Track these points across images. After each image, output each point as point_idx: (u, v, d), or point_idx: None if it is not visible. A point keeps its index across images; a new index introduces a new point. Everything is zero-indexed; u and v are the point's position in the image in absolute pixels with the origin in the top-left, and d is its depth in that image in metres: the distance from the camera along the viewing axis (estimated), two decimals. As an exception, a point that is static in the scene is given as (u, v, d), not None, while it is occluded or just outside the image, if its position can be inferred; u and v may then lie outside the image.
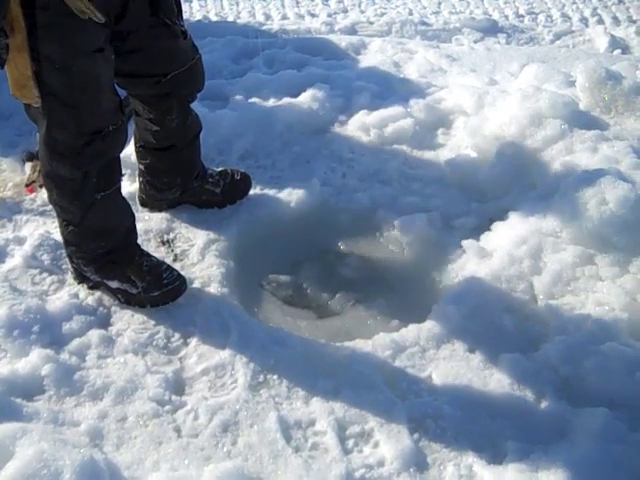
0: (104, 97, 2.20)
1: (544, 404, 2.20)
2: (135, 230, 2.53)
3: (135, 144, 2.70)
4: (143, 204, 2.86)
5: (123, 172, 2.47)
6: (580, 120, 3.19)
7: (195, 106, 2.67)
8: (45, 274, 2.57)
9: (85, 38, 2.06)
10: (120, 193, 2.45)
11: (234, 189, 2.91)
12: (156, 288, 2.45)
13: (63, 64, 2.06)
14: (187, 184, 2.80)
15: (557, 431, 2.12)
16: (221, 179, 2.87)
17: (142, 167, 2.76)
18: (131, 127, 2.60)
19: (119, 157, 2.38)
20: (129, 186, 2.89)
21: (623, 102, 3.40)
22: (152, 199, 2.84)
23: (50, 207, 2.53)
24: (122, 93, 2.35)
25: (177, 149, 2.67)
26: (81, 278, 2.51)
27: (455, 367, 2.31)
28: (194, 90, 2.60)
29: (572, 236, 2.66)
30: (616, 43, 4.50)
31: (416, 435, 2.10)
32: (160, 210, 2.85)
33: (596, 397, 2.20)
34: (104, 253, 2.43)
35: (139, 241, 2.56)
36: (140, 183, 2.83)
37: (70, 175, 2.25)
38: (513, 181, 3.01)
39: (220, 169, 2.93)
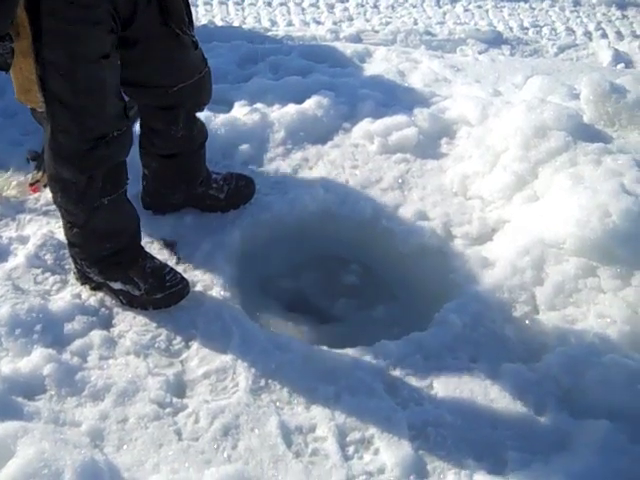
0: (109, 102, 2.18)
1: (545, 415, 2.21)
2: (139, 232, 2.53)
3: (140, 149, 2.69)
4: (146, 207, 2.85)
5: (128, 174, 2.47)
6: (584, 133, 3.19)
7: (200, 111, 2.67)
8: (48, 274, 2.57)
9: (91, 45, 2.06)
10: (126, 196, 2.44)
11: (238, 194, 2.90)
12: (159, 290, 2.45)
13: (67, 70, 2.05)
14: (191, 190, 2.80)
15: (558, 442, 2.13)
16: (225, 184, 2.86)
17: (146, 172, 2.76)
18: (136, 129, 2.61)
19: (125, 161, 2.37)
20: (133, 188, 2.88)
21: (627, 115, 3.41)
22: (155, 202, 2.84)
23: (54, 207, 2.53)
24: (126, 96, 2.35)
25: (182, 157, 2.67)
26: (84, 279, 2.51)
27: (456, 376, 2.31)
28: (201, 103, 2.58)
29: (575, 248, 2.67)
30: (620, 57, 4.50)
31: (416, 443, 2.11)
32: (164, 213, 2.85)
33: (597, 409, 2.21)
34: (108, 255, 2.43)
35: (142, 243, 2.56)
36: (143, 186, 2.82)
37: (74, 179, 2.25)
38: (516, 192, 3.01)
39: (224, 173, 2.92)
